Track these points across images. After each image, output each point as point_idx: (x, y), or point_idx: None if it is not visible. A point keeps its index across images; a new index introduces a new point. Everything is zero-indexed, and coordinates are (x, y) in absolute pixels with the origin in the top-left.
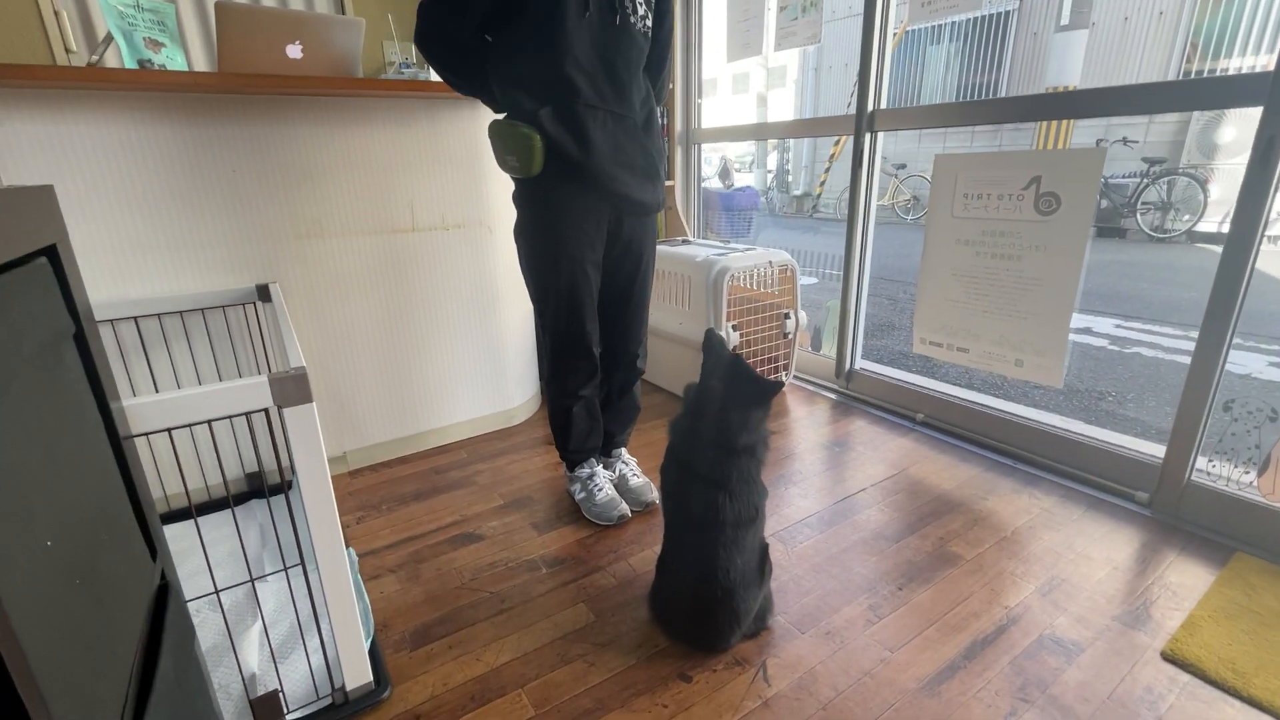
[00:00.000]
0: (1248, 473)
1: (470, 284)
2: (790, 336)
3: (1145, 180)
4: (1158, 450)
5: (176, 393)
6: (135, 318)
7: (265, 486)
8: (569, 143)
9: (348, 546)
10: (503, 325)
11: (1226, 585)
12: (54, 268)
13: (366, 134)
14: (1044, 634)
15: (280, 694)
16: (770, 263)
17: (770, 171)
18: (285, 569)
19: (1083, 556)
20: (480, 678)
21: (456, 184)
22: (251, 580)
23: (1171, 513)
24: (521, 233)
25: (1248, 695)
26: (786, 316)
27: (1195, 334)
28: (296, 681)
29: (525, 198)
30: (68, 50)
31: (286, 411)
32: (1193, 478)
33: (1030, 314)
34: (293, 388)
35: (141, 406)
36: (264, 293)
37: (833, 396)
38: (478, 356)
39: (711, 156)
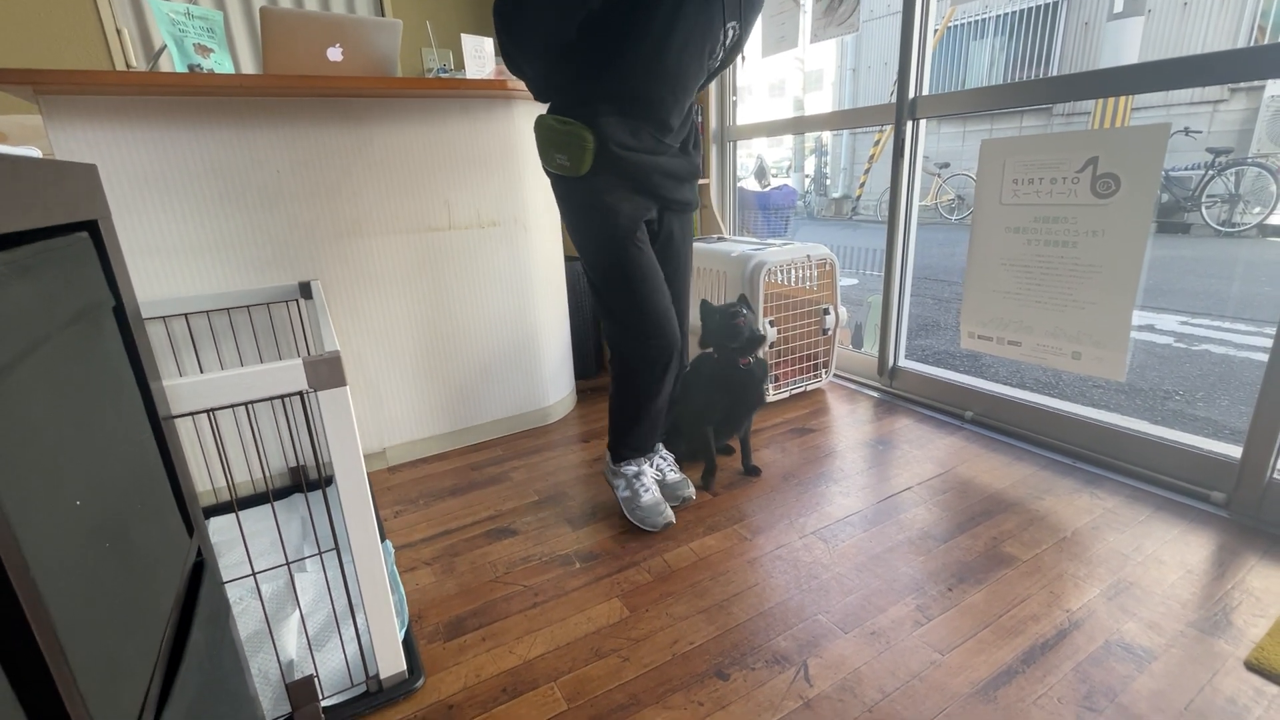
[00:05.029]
0: None
1: (506, 281)
2: (830, 333)
3: (1211, 172)
4: (1234, 450)
5: (214, 374)
6: (185, 314)
7: (305, 480)
8: (621, 148)
9: (385, 539)
10: (538, 323)
11: None
12: (95, 243)
13: (404, 134)
14: (1111, 639)
15: (316, 679)
16: (809, 257)
17: (808, 175)
18: (320, 553)
19: (1153, 559)
20: (513, 670)
21: (492, 182)
22: (288, 564)
23: (1252, 514)
24: (574, 229)
25: None
26: (826, 312)
27: (1274, 329)
28: (333, 669)
29: (570, 194)
30: (129, 65)
31: (320, 395)
32: (1275, 476)
33: (1088, 303)
34: (326, 371)
35: (180, 387)
36: (306, 290)
37: (875, 395)
38: (514, 354)
39: (748, 162)
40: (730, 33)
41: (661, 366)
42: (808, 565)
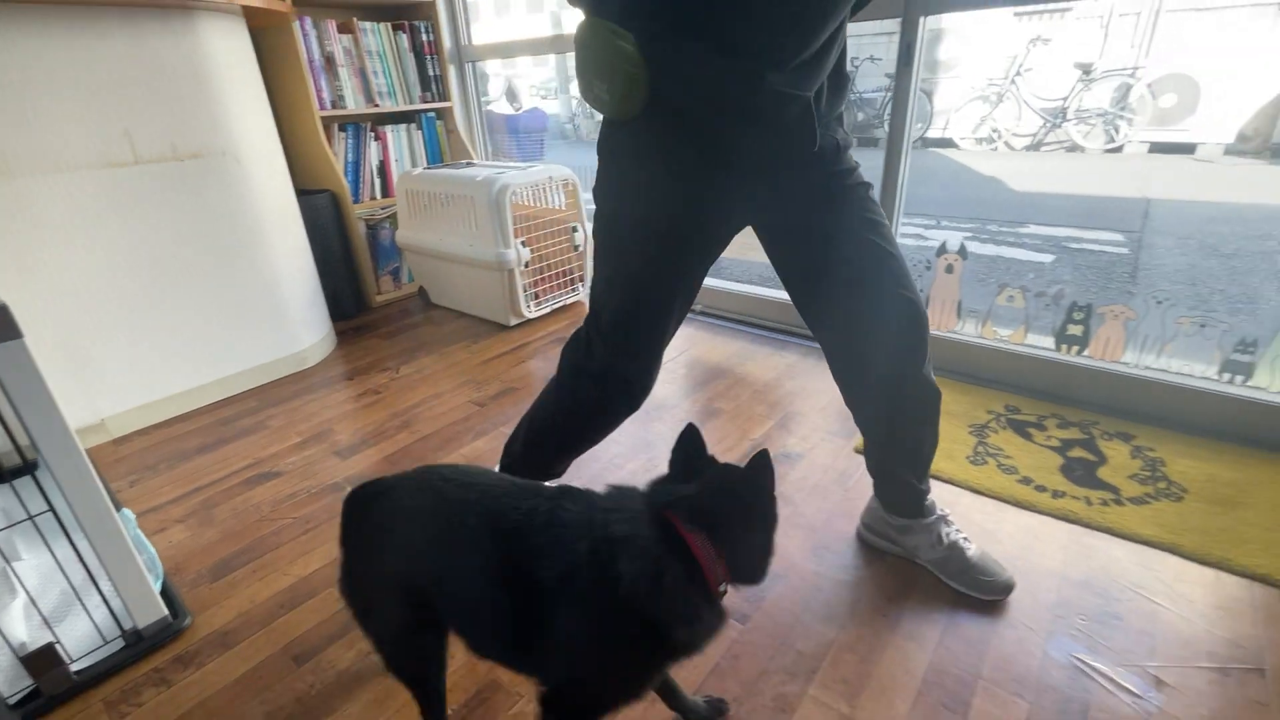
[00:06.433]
0: None
1: (224, 221)
2: (580, 249)
3: (887, 94)
4: None
5: None
6: None
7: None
8: (689, 87)
9: (121, 508)
10: (274, 264)
11: None
12: None
13: (47, 50)
14: (779, 452)
15: (58, 645)
16: (551, 178)
17: (575, 97)
18: (31, 517)
19: (812, 393)
20: (289, 588)
21: (184, 108)
22: None
23: None
24: (604, 199)
25: None
26: (574, 230)
27: (920, 219)
28: (79, 638)
29: (612, 149)
30: None
31: None
32: None
33: None
34: None
35: None
36: None
37: None
38: (252, 299)
39: (509, 83)
40: None
41: (616, 405)
42: None
